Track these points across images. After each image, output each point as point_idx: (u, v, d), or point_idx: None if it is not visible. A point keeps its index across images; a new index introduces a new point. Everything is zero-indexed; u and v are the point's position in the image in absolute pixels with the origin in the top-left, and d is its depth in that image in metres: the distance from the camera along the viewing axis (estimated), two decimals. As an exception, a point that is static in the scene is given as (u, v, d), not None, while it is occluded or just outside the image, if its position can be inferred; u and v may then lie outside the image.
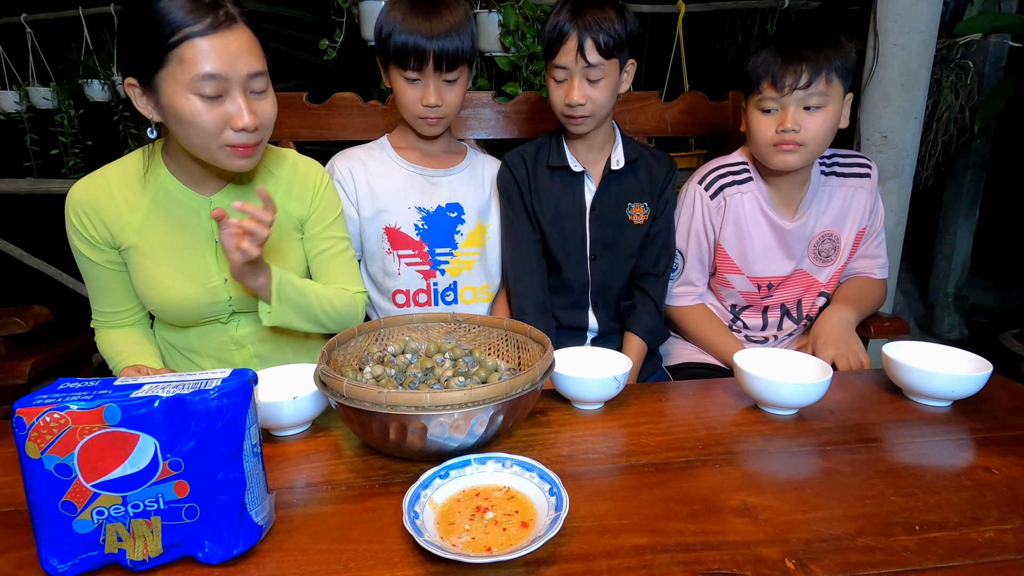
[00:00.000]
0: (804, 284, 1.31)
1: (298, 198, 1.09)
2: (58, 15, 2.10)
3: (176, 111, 0.86)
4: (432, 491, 0.65)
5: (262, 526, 0.61)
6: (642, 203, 1.28)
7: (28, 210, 2.25)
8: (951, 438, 0.81)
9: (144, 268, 1.02)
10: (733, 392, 0.95)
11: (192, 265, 1.03)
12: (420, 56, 1.11)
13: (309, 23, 2.11)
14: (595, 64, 1.13)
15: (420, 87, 1.16)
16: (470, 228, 1.30)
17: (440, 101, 1.16)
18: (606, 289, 1.32)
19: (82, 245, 1.02)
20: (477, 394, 0.69)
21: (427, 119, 1.18)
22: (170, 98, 0.86)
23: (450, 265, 1.30)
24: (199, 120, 0.86)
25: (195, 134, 0.88)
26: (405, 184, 1.26)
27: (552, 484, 0.64)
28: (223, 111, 0.88)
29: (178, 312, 1.04)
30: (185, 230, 1.02)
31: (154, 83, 0.86)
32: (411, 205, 1.26)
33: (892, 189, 1.75)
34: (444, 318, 0.99)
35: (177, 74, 0.84)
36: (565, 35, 1.13)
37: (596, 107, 1.17)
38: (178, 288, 1.02)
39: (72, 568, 0.56)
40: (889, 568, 0.57)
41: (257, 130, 0.91)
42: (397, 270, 1.28)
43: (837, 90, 1.13)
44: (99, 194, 0.99)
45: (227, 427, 0.56)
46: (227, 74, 0.85)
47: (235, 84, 0.87)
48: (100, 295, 1.07)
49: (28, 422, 0.52)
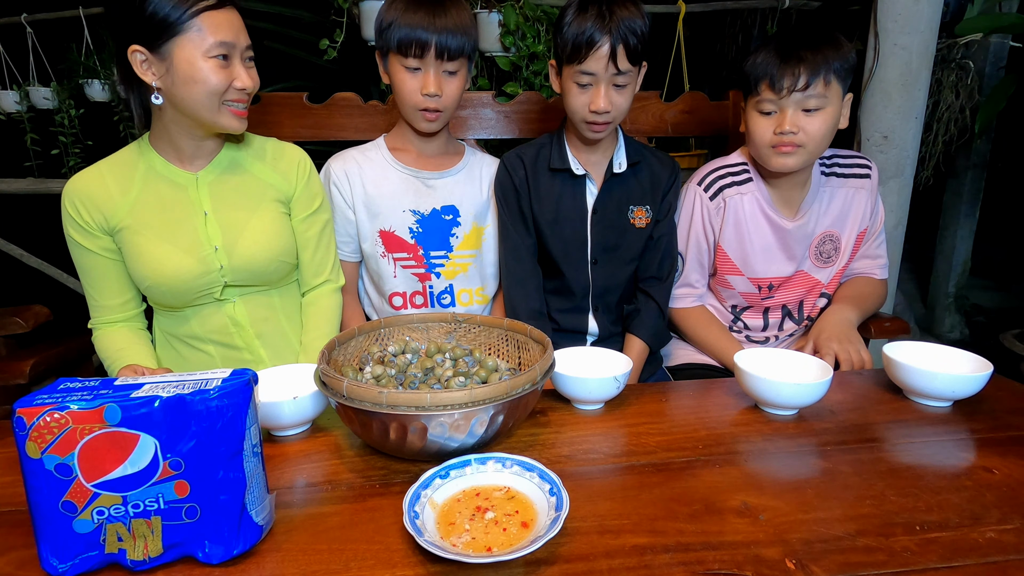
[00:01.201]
0: (805, 285, 1.31)
1: (283, 175, 1.16)
2: (58, 15, 2.10)
3: (192, 72, 0.98)
4: (432, 491, 0.65)
5: (262, 526, 0.61)
6: (644, 206, 1.27)
7: (28, 210, 2.25)
8: (951, 438, 0.81)
9: (137, 246, 1.06)
10: (733, 392, 0.95)
11: (183, 237, 1.07)
12: (422, 42, 1.12)
13: (309, 23, 2.11)
14: (624, 71, 1.11)
15: (420, 77, 1.15)
16: (465, 231, 1.30)
17: (440, 91, 1.15)
18: (607, 293, 1.31)
19: (77, 233, 1.06)
20: (477, 394, 0.69)
21: (426, 112, 1.17)
22: (186, 61, 0.97)
23: (445, 268, 1.29)
24: (211, 78, 0.98)
25: (205, 92, 0.99)
26: (400, 187, 1.26)
27: (552, 484, 0.64)
28: (229, 73, 1.00)
29: (173, 286, 1.06)
30: (174, 205, 1.08)
31: (165, 50, 0.97)
32: (405, 208, 1.26)
33: (892, 189, 1.75)
34: (444, 318, 0.99)
35: (195, 39, 0.96)
36: (596, 41, 1.08)
37: (619, 113, 1.16)
38: (171, 261, 1.06)
39: (72, 568, 0.56)
40: (889, 568, 0.57)
41: (251, 94, 1.05)
42: (392, 273, 1.28)
43: (836, 91, 1.13)
44: (92, 182, 1.06)
45: (227, 427, 0.56)
46: (234, 42, 1.00)
47: (237, 52, 1.01)
48: (96, 286, 1.10)
49: (28, 422, 0.52)
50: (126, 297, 1.12)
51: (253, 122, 1.39)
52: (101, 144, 2.21)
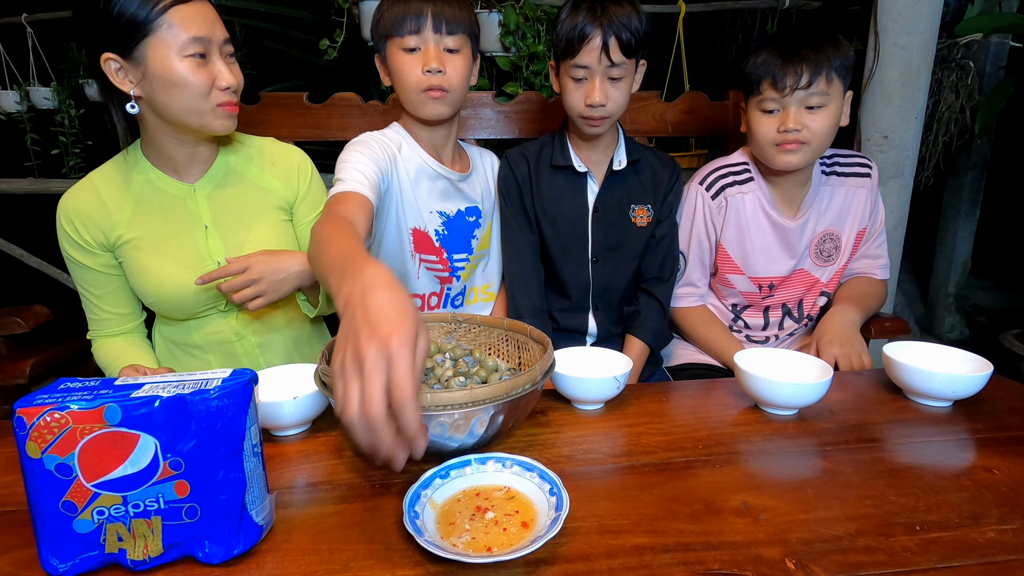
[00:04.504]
0: (805, 284, 1.31)
1: (282, 179, 1.12)
2: (58, 15, 2.09)
3: (169, 74, 0.92)
4: (433, 491, 0.65)
5: (262, 526, 0.61)
6: (645, 205, 1.27)
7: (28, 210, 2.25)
8: (951, 438, 0.81)
9: (138, 261, 1.04)
10: (733, 392, 0.95)
11: (184, 252, 1.05)
12: (418, 15, 1.07)
13: (309, 23, 2.11)
14: (618, 63, 1.11)
15: (420, 56, 1.09)
16: (483, 231, 1.28)
17: (442, 66, 1.08)
18: (607, 292, 1.31)
19: (75, 252, 1.04)
20: (477, 394, 0.69)
21: (431, 91, 1.09)
22: (161, 64, 0.92)
23: (464, 270, 1.27)
24: (192, 79, 0.92)
25: (187, 95, 0.93)
26: (429, 185, 1.20)
27: (552, 484, 0.64)
28: (209, 71, 0.95)
29: (175, 302, 1.05)
30: (173, 219, 1.05)
31: (138, 53, 0.91)
32: (433, 209, 1.21)
33: (892, 189, 1.75)
34: (444, 318, 0.99)
35: (167, 39, 0.91)
36: (588, 34, 1.10)
37: (616, 107, 1.16)
38: (173, 277, 1.04)
39: (72, 568, 0.56)
40: (890, 568, 0.57)
41: (237, 92, 0.99)
42: (417, 274, 1.22)
43: (837, 88, 1.13)
44: (87, 198, 1.02)
45: (227, 427, 0.56)
46: (209, 36, 0.94)
47: (215, 47, 0.95)
48: (96, 301, 1.08)
49: (28, 422, 0.52)
50: (126, 311, 1.10)
51: (253, 122, 1.40)
52: (101, 144, 2.21)
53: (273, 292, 1.01)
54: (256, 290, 1.00)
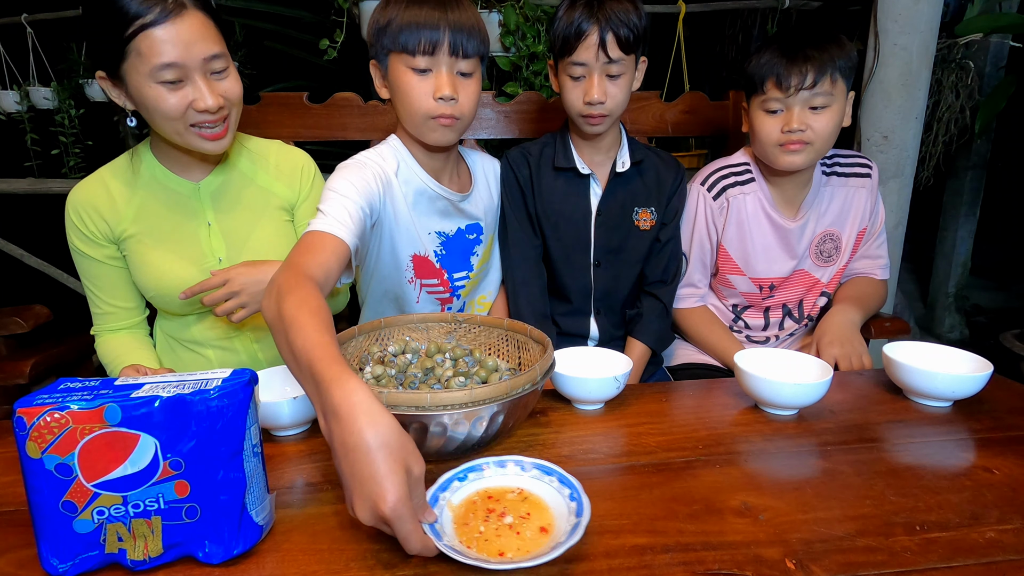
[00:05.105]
0: (806, 284, 1.31)
1: (286, 182, 1.13)
2: (58, 15, 2.10)
3: (143, 99, 0.91)
4: (451, 494, 0.64)
5: (262, 526, 0.61)
6: (649, 208, 1.25)
7: (28, 210, 2.25)
8: (951, 438, 0.81)
9: (141, 255, 1.05)
10: (733, 392, 0.95)
11: (187, 248, 1.06)
12: (433, 36, 0.96)
13: (309, 23, 2.11)
14: (616, 60, 1.10)
15: (431, 79, 0.99)
16: (485, 247, 1.23)
17: (456, 94, 0.99)
18: (609, 296, 1.30)
19: (81, 243, 1.05)
20: (477, 394, 0.69)
21: (440, 118, 1.01)
22: (136, 88, 0.91)
23: (465, 288, 1.22)
24: (163, 106, 0.90)
25: (161, 119, 0.93)
26: (428, 205, 1.13)
27: (573, 489, 0.63)
28: (185, 95, 0.91)
29: (175, 296, 1.06)
30: (177, 215, 1.06)
31: (120, 74, 0.91)
32: (432, 230, 1.14)
33: (892, 189, 1.75)
34: (444, 318, 0.99)
35: (137, 66, 0.88)
36: (585, 31, 1.08)
37: (615, 105, 1.14)
38: (175, 272, 1.05)
39: (72, 568, 0.56)
40: (889, 568, 0.57)
41: (222, 109, 0.95)
42: (416, 298, 1.17)
43: (841, 89, 1.13)
44: (96, 191, 1.05)
45: (227, 427, 0.56)
46: (184, 61, 0.89)
47: (194, 69, 0.90)
48: (100, 293, 1.09)
49: (29, 422, 0.52)
50: (130, 304, 1.11)
51: (253, 122, 1.40)
52: (101, 144, 2.21)
53: (255, 303, 1.01)
54: (238, 302, 1.00)
